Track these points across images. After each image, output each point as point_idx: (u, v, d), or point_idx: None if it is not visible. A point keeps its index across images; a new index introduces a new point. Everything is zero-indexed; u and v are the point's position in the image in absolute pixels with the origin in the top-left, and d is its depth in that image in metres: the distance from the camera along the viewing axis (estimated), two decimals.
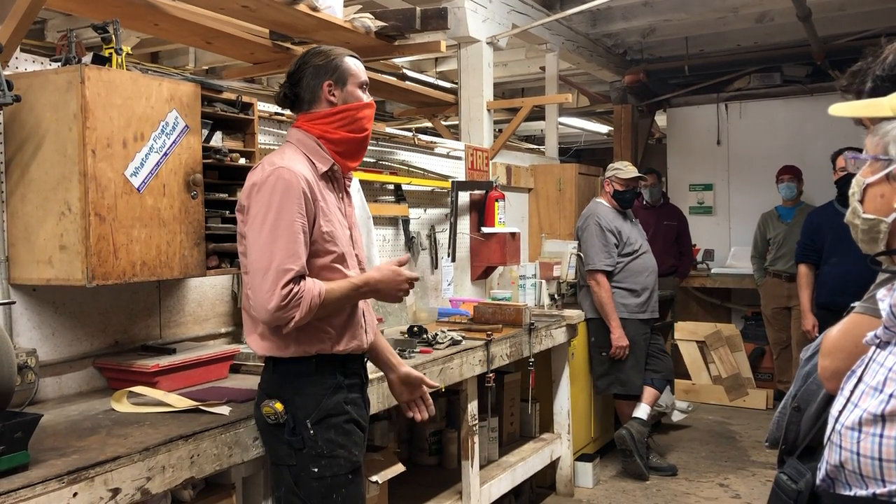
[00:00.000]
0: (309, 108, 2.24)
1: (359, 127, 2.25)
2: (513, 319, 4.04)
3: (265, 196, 2.07)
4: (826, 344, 1.54)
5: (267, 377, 2.21)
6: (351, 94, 2.24)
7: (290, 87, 2.26)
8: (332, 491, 2.14)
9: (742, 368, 6.79)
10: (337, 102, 2.22)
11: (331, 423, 2.15)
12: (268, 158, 2.18)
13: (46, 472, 1.74)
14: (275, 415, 2.12)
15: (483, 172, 4.89)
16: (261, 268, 2.04)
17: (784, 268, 6.22)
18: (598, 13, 6.43)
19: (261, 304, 2.03)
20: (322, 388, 2.16)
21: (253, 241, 2.07)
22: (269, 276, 2.02)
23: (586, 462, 4.78)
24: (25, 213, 2.32)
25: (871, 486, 1.29)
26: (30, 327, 2.43)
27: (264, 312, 2.03)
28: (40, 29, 5.75)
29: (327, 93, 2.22)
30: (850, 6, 6.13)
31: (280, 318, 2.03)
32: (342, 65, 2.24)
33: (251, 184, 2.12)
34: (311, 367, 2.15)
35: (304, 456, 2.13)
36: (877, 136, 1.41)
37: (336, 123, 2.21)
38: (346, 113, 2.22)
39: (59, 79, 2.23)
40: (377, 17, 4.02)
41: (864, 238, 1.45)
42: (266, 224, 2.05)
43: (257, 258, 2.05)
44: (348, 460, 2.17)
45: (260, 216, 2.06)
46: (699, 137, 7.92)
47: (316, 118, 2.22)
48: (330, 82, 2.22)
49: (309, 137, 2.22)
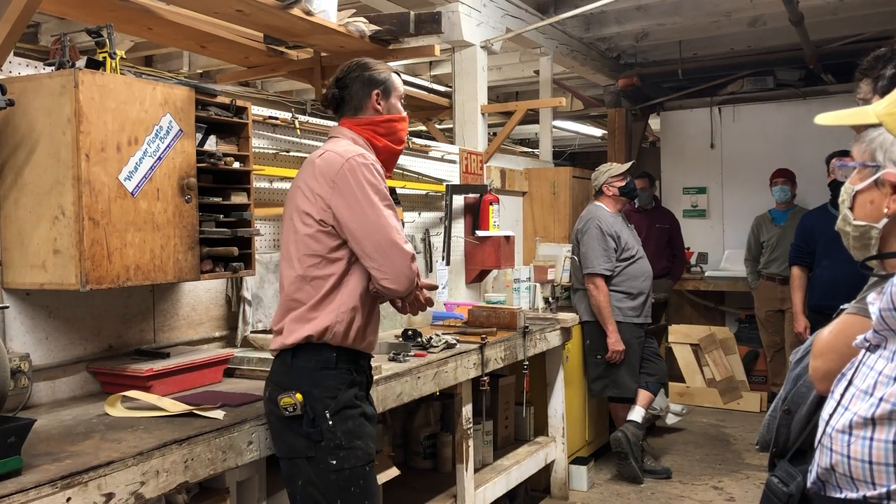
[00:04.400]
0: (354, 114, 2.41)
1: (398, 139, 2.46)
2: (507, 323, 4.04)
3: (358, 177, 2.22)
4: (818, 345, 1.55)
5: (282, 370, 2.27)
6: (394, 107, 2.45)
7: (338, 90, 2.42)
8: (350, 483, 2.20)
9: (736, 371, 6.80)
10: (382, 112, 2.41)
11: (348, 414, 2.23)
12: (337, 147, 2.30)
13: (40, 477, 1.74)
14: (294, 405, 2.18)
15: (477, 176, 4.90)
16: (391, 241, 2.21)
17: (777, 271, 6.23)
18: (591, 17, 6.45)
19: (401, 273, 2.22)
20: (339, 381, 2.24)
21: (368, 221, 2.21)
22: (400, 248, 2.22)
23: (581, 465, 4.78)
24: (19, 218, 2.31)
25: (862, 488, 1.29)
26: (23, 332, 2.43)
27: (405, 280, 2.23)
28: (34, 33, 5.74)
29: (375, 101, 2.40)
30: (842, 10, 6.16)
31: (413, 282, 2.25)
32: (389, 78, 2.44)
33: (335, 170, 2.22)
34: (331, 358, 2.24)
35: (322, 448, 2.20)
36: (864, 143, 1.42)
37: (380, 130, 2.41)
38: (390, 123, 2.43)
39: (52, 83, 2.23)
40: (371, 21, 4.03)
41: (855, 245, 1.46)
42: (375, 203, 2.21)
43: (384, 235, 2.21)
44: (365, 452, 2.25)
45: (364, 196, 2.21)
46: (693, 141, 7.95)
47: (363, 122, 2.40)
48: (378, 92, 2.40)
49: (360, 138, 2.39)
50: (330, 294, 2.24)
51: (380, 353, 3.27)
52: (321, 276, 2.24)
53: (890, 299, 1.25)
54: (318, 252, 2.24)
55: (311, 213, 2.24)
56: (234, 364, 2.86)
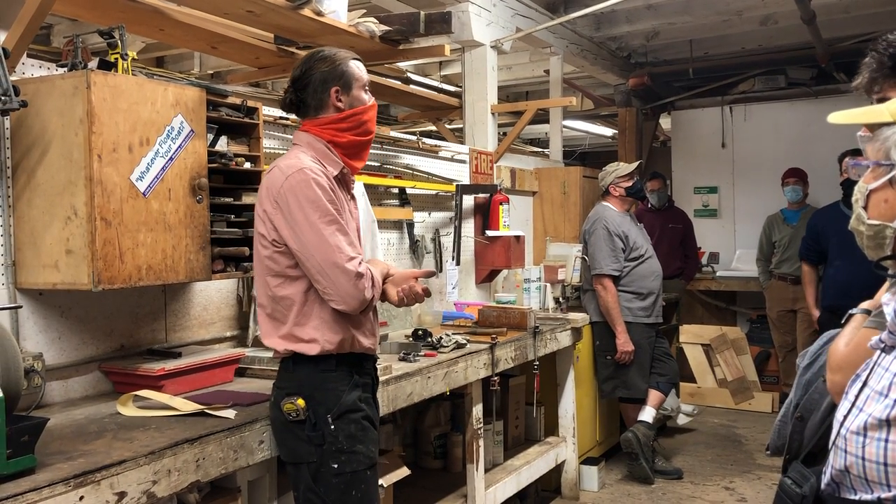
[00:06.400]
0: (316, 114, 2.29)
1: (365, 130, 2.34)
2: (517, 323, 4.04)
3: (297, 196, 2.12)
4: (835, 359, 1.53)
5: (286, 376, 2.26)
6: (356, 98, 2.31)
7: (295, 92, 2.30)
8: (350, 487, 2.19)
9: (747, 371, 6.77)
10: (344, 108, 2.29)
11: (351, 418, 2.21)
12: (282, 162, 2.21)
13: (53, 475, 1.75)
14: (296, 411, 2.17)
15: (487, 176, 4.89)
16: (332, 263, 2.12)
17: (789, 270, 6.20)
18: (601, 16, 6.43)
19: (347, 295, 2.13)
20: (341, 384, 2.22)
21: (307, 242, 2.12)
22: (342, 268, 2.12)
23: (591, 466, 4.77)
24: (32, 218, 2.33)
25: (877, 490, 1.28)
26: (36, 331, 2.44)
27: (353, 301, 2.14)
28: (46, 34, 5.77)
29: (335, 99, 2.28)
30: (854, 8, 6.12)
31: (364, 301, 2.16)
32: (348, 69, 2.29)
33: (276, 189, 2.15)
34: (332, 364, 2.21)
35: (324, 452, 2.18)
36: (878, 141, 1.41)
37: (344, 126, 2.28)
38: (354, 118, 2.29)
39: (65, 84, 2.24)
40: (381, 22, 4.03)
41: (869, 244, 1.44)
42: (314, 222, 2.12)
43: (324, 256, 2.12)
44: (367, 456, 2.23)
45: (302, 217, 2.12)
46: (704, 140, 7.91)
47: (325, 123, 2.28)
48: (337, 88, 2.27)
49: (319, 141, 2.27)
50: (304, 311, 2.19)
51: (390, 353, 3.28)
52: (289, 294, 2.19)
53: None
54: (279, 272, 2.19)
55: (264, 233, 2.19)
56: (245, 364, 2.87)
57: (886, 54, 1.63)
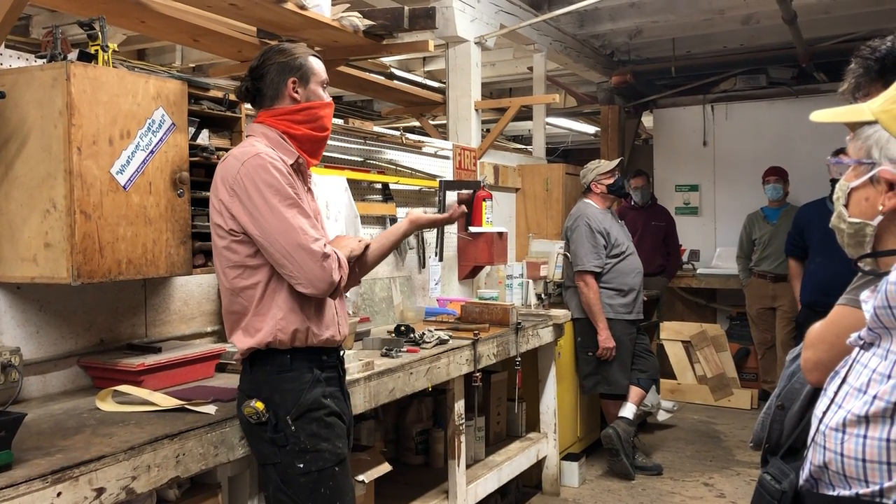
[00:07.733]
0: (271, 104, 2.27)
1: (321, 126, 2.31)
2: (500, 319, 4.04)
3: (254, 181, 2.09)
4: (809, 336, 1.56)
5: (245, 378, 2.23)
6: (314, 93, 2.29)
7: (252, 81, 2.28)
8: (319, 485, 2.16)
9: (727, 368, 6.83)
10: (300, 100, 2.27)
11: (312, 417, 2.17)
12: (237, 150, 2.19)
13: (30, 471, 1.73)
14: (256, 414, 2.14)
15: (471, 172, 4.89)
16: (296, 244, 2.09)
17: (769, 268, 6.26)
18: (585, 14, 6.45)
19: (314, 277, 2.10)
20: (299, 383, 2.18)
21: (269, 227, 2.09)
22: (308, 249, 2.09)
23: (572, 461, 4.79)
24: (10, 211, 2.30)
25: (855, 486, 1.30)
26: (14, 325, 2.41)
27: (321, 283, 2.11)
28: (25, 25, 5.69)
29: (291, 89, 2.25)
30: (835, 9, 6.18)
31: (332, 283, 2.13)
32: (306, 63, 2.28)
33: (232, 176, 2.12)
34: (286, 362, 2.18)
35: (288, 452, 2.15)
36: (859, 140, 1.42)
37: (299, 118, 2.26)
38: (310, 110, 2.27)
39: (44, 75, 2.21)
40: (365, 16, 4.01)
41: (849, 242, 1.46)
42: (274, 205, 2.09)
43: (287, 239, 2.09)
44: (332, 453, 2.19)
45: (262, 201, 2.09)
46: (685, 138, 7.96)
47: (279, 114, 2.25)
48: (294, 79, 2.26)
49: (272, 131, 2.25)
50: (263, 302, 2.16)
51: (372, 349, 3.27)
52: (248, 286, 2.15)
53: (885, 297, 1.25)
54: (238, 262, 2.15)
55: (221, 224, 2.15)
56: (226, 359, 2.85)
57: (872, 58, 1.65)
